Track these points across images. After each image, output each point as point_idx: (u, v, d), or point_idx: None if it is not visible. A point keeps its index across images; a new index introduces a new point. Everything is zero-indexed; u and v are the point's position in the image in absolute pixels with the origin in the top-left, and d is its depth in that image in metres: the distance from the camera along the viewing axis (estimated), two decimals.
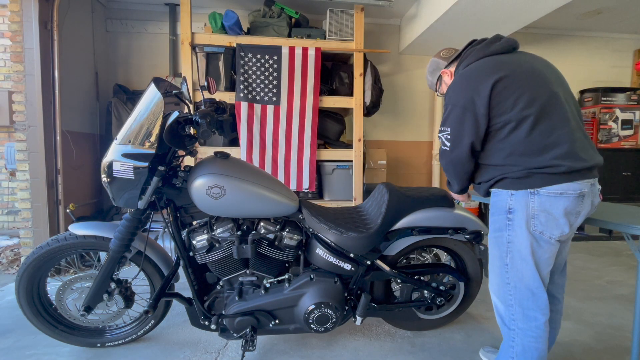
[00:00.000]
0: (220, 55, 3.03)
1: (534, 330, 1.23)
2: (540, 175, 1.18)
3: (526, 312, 1.24)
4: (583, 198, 1.19)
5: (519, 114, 1.17)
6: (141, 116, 1.42)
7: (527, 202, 1.20)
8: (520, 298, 1.24)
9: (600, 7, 3.70)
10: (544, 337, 1.23)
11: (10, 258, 3.08)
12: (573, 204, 1.18)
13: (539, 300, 1.23)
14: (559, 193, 1.17)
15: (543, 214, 1.19)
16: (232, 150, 3.10)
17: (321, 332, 1.67)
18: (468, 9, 2.87)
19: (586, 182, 1.19)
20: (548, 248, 1.22)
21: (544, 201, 1.18)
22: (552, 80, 1.23)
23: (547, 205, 1.18)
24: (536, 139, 1.17)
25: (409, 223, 1.70)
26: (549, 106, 1.18)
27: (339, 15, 3.16)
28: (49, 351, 1.78)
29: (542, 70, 1.23)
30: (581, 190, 1.17)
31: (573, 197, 1.17)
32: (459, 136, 1.26)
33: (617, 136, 4.26)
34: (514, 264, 1.25)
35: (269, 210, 1.57)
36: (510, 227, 1.24)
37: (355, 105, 3.25)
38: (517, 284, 1.24)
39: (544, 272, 1.24)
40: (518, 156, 1.20)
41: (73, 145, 3.02)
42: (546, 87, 1.19)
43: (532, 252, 1.22)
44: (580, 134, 1.21)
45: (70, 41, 3.08)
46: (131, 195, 1.48)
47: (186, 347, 1.83)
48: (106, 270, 1.61)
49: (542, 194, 1.18)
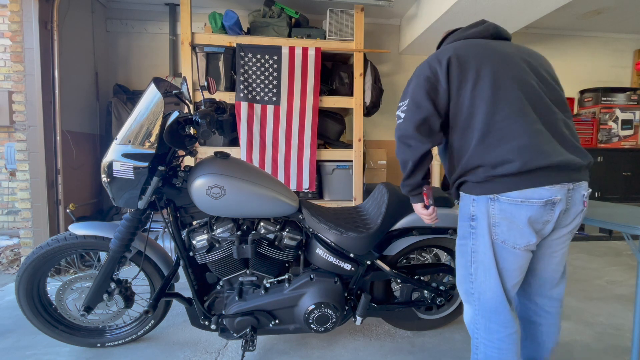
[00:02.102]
0: (220, 55, 3.03)
1: (496, 342, 1.17)
2: (498, 179, 1.07)
3: (488, 324, 1.18)
4: (553, 206, 1.06)
5: (474, 101, 1.10)
6: (141, 116, 1.42)
7: (488, 209, 1.11)
8: (483, 310, 1.19)
9: (600, 7, 3.70)
10: (509, 349, 1.16)
11: (10, 258, 3.08)
12: (538, 213, 1.05)
13: (500, 316, 1.16)
14: (519, 201, 1.05)
15: (505, 222, 1.09)
16: (232, 150, 3.10)
17: (321, 332, 1.67)
18: (468, 9, 2.87)
19: (559, 187, 1.05)
20: (513, 259, 1.12)
21: (505, 208, 1.08)
22: (528, 70, 1.13)
23: (508, 213, 1.08)
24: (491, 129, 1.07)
25: (409, 223, 1.70)
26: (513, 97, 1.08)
27: (339, 15, 3.16)
28: (49, 351, 1.78)
29: (515, 58, 1.14)
30: (549, 198, 1.05)
31: (537, 205, 1.04)
32: (415, 104, 1.15)
33: (617, 136, 4.26)
34: (477, 275, 1.18)
35: (269, 210, 1.57)
36: (474, 235, 1.17)
37: (355, 105, 3.25)
38: (481, 295, 1.18)
39: (509, 284, 1.15)
40: (473, 152, 1.10)
41: (73, 145, 3.02)
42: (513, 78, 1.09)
43: (496, 263, 1.13)
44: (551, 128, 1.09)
45: (70, 41, 3.08)
46: (131, 195, 1.48)
47: (186, 347, 1.83)
48: (106, 270, 1.61)
49: (502, 201, 1.08)
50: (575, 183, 1.09)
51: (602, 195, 4.18)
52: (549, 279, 1.27)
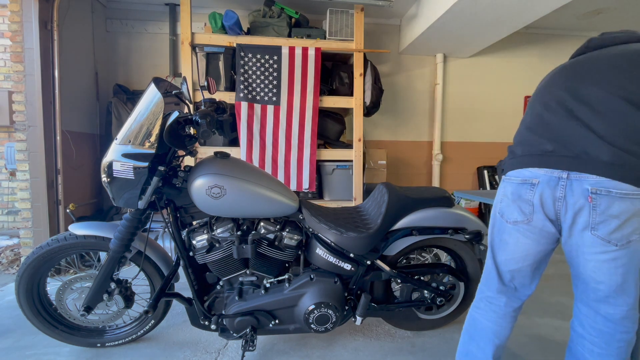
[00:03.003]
0: (220, 55, 3.03)
1: (477, 302, 1.35)
2: (509, 161, 1.27)
3: (480, 285, 1.37)
4: (532, 186, 1.15)
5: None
6: (141, 116, 1.42)
7: (500, 187, 1.31)
8: (483, 273, 1.38)
9: (600, 7, 3.70)
10: (486, 312, 1.31)
11: (10, 258, 3.08)
12: (518, 190, 1.19)
13: (488, 277, 1.33)
14: (507, 178, 1.25)
15: (505, 198, 1.26)
16: (232, 150, 3.10)
17: (321, 332, 1.67)
18: (468, 9, 2.87)
19: (543, 171, 1.12)
20: (508, 234, 1.25)
21: (504, 186, 1.26)
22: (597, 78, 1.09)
23: (503, 189, 1.27)
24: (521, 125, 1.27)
25: (409, 223, 1.70)
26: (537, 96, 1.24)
27: (339, 15, 3.16)
28: (49, 351, 1.78)
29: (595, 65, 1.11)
30: (527, 178, 1.16)
31: (516, 182, 1.20)
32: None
33: None
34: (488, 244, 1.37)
35: (269, 210, 1.57)
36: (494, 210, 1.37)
37: (355, 105, 3.25)
38: (486, 262, 1.37)
39: (502, 257, 1.28)
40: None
41: (73, 145, 3.02)
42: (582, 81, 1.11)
43: (492, 233, 1.32)
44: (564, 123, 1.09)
45: (70, 41, 3.08)
46: (131, 195, 1.48)
47: (186, 347, 1.83)
48: (106, 270, 1.61)
49: (504, 180, 1.27)
50: (574, 173, 1.07)
51: None
52: (590, 286, 1.15)
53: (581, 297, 1.20)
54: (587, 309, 1.19)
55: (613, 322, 1.14)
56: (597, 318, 1.16)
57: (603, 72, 1.10)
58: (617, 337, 1.14)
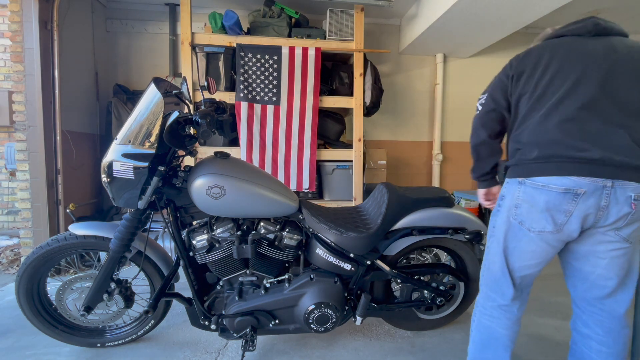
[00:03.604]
0: (220, 55, 3.03)
1: (489, 310, 1.30)
2: (527, 164, 1.17)
3: (487, 292, 1.31)
4: (576, 196, 1.07)
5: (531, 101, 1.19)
6: (141, 116, 1.42)
7: (515, 191, 1.21)
8: (486, 278, 1.32)
9: (600, 7, 3.70)
10: (500, 320, 1.27)
11: (10, 258, 3.08)
12: (557, 199, 1.09)
13: (500, 286, 1.27)
14: (540, 185, 1.12)
15: (526, 204, 1.17)
16: (232, 150, 3.10)
17: (321, 332, 1.67)
18: (468, 9, 2.87)
19: (588, 179, 1.06)
20: (527, 241, 1.18)
21: (528, 191, 1.16)
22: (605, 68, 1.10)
23: (529, 196, 1.15)
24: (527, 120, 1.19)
25: (409, 223, 1.70)
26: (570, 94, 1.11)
27: (339, 15, 3.16)
28: (49, 351, 1.78)
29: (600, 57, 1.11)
30: (572, 187, 1.07)
31: (556, 192, 1.09)
32: (491, 97, 1.31)
33: None
34: (491, 247, 1.30)
35: (269, 210, 1.57)
36: (498, 213, 1.29)
37: (355, 105, 3.25)
38: (490, 265, 1.30)
39: (517, 264, 1.23)
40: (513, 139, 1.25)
41: (73, 145, 3.02)
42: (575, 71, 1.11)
43: (505, 239, 1.24)
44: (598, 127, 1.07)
45: (70, 41, 3.08)
46: (131, 195, 1.48)
47: (186, 347, 1.83)
48: (106, 270, 1.61)
49: (528, 184, 1.16)
50: (617, 181, 1.06)
51: None
52: (595, 283, 1.19)
53: (584, 296, 1.24)
54: (592, 307, 1.22)
55: (617, 318, 1.19)
56: (604, 315, 1.20)
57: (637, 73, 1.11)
58: (621, 333, 1.20)
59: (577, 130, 1.09)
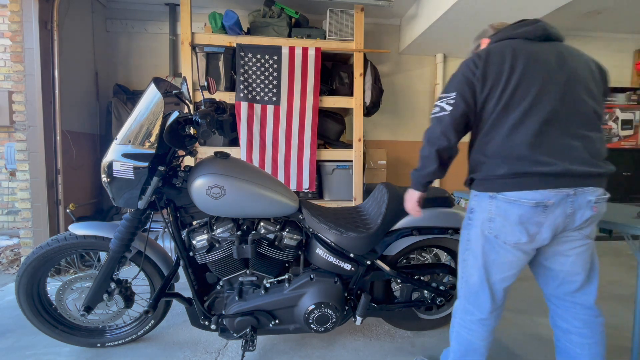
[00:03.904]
0: (220, 55, 3.03)
1: (468, 323, 1.31)
2: (496, 179, 1.17)
3: (465, 304, 1.32)
4: (545, 208, 1.13)
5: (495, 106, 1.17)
6: (141, 116, 1.42)
7: (487, 205, 1.22)
8: (465, 292, 1.32)
9: (600, 7, 3.70)
10: (478, 333, 1.29)
11: (10, 258, 3.08)
12: (529, 213, 1.13)
13: (478, 299, 1.28)
14: (512, 200, 1.15)
15: (499, 218, 1.19)
16: (232, 150, 3.10)
17: (321, 332, 1.67)
18: (468, 9, 2.87)
19: (554, 191, 1.12)
20: (503, 253, 1.21)
21: (501, 206, 1.18)
22: (561, 80, 1.16)
23: (503, 210, 1.18)
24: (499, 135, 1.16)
25: (409, 223, 1.70)
26: (529, 105, 1.14)
27: (339, 15, 3.16)
28: (49, 351, 1.78)
29: (551, 66, 1.17)
30: (540, 200, 1.12)
31: (528, 206, 1.13)
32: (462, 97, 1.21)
33: (617, 136, 4.26)
34: (468, 260, 1.30)
35: (269, 210, 1.57)
36: (470, 226, 1.29)
37: (355, 105, 3.25)
38: (468, 278, 1.30)
39: (496, 276, 1.25)
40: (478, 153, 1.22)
41: (73, 145, 3.02)
42: (536, 84, 1.15)
43: (483, 254, 1.25)
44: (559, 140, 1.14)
45: (70, 41, 3.08)
46: (131, 195, 1.48)
47: (186, 347, 1.83)
48: (106, 270, 1.61)
49: (500, 199, 1.18)
50: (579, 189, 1.14)
51: None
52: (566, 280, 1.27)
53: (556, 293, 1.32)
54: (565, 302, 1.31)
55: (590, 308, 1.28)
56: (577, 308, 1.29)
57: (585, 84, 1.19)
58: (596, 322, 1.29)
59: (543, 146, 1.13)
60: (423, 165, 1.30)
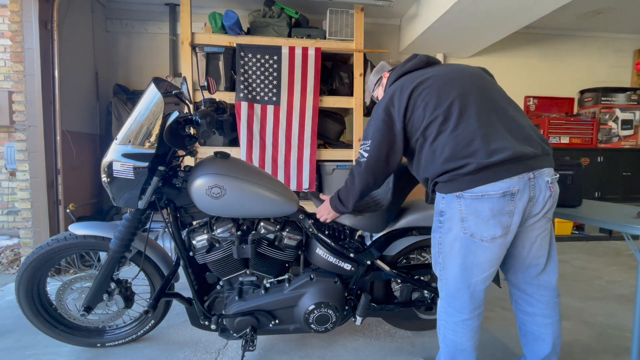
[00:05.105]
0: (220, 55, 3.03)
1: (452, 325, 1.31)
2: (460, 178, 1.18)
3: (447, 308, 1.32)
4: (513, 196, 1.15)
5: (428, 121, 1.23)
6: (141, 116, 1.42)
7: (456, 205, 1.22)
8: (445, 294, 1.32)
9: (600, 7, 3.70)
10: (462, 334, 1.29)
11: (10, 258, 3.08)
12: (499, 204, 1.15)
13: (457, 301, 1.28)
14: (480, 195, 1.16)
15: (471, 217, 1.19)
16: (232, 150, 3.10)
17: (321, 332, 1.67)
18: (468, 9, 2.87)
19: (516, 178, 1.14)
20: (482, 252, 1.21)
21: (469, 204, 1.18)
22: (466, 81, 1.27)
23: (473, 208, 1.18)
24: (447, 141, 1.19)
25: (409, 223, 1.70)
26: (458, 107, 1.20)
27: (339, 15, 3.16)
28: (49, 351, 1.78)
29: (453, 74, 1.29)
30: (507, 189, 1.14)
31: (496, 197, 1.14)
32: (378, 145, 1.32)
33: (617, 136, 4.26)
34: (444, 264, 1.30)
35: (269, 210, 1.57)
36: (441, 229, 1.29)
37: (355, 105, 3.25)
38: (447, 281, 1.30)
39: (478, 277, 1.24)
40: (438, 161, 1.22)
41: (73, 145, 3.02)
42: (454, 89, 1.23)
43: (461, 256, 1.24)
44: (499, 126, 1.20)
45: (70, 41, 3.08)
46: (131, 195, 1.48)
47: (186, 347, 1.83)
48: (106, 270, 1.61)
49: (466, 197, 1.18)
50: (536, 171, 1.18)
51: (602, 195, 4.18)
52: (532, 264, 1.33)
53: (523, 278, 1.36)
54: (532, 286, 1.36)
55: (552, 289, 1.35)
56: (541, 290, 1.35)
57: (488, 82, 1.32)
58: (556, 301, 1.36)
59: (489, 135, 1.17)
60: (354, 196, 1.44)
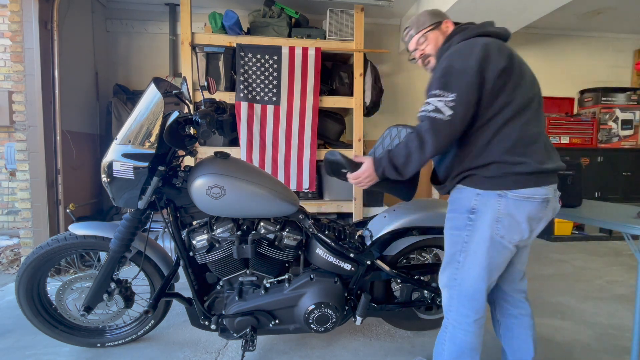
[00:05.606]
0: (220, 55, 3.03)
1: (464, 325, 1.28)
2: (511, 176, 1.13)
3: (460, 308, 1.28)
4: (547, 204, 1.18)
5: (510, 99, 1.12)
6: (141, 116, 1.42)
7: (494, 204, 1.16)
8: (460, 294, 1.27)
9: (600, 7, 3.70)
10: (474, 333, 1.28)
11: (10, 258, 3.08)
12: (537, 209, 1.16)
13: (475, 302, 1.25)
14: (525, 197, 1.14)
15: (507, 218, 1.16)
16: (232, 150, 3.10)
17: (321, 332, 1.67)
18: (468, 9, 2.88)
19: (551, 187, 1.19)
20: (505, 253, 1.22)
21: (510, 204, 1.15)
22: (537, 83, 1.25)
23: (513, 209, 1.15)
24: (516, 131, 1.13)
25: (409, 223, 1.70)
26: (532, 105, 1.18)
27: (339, 15, 3.16)
28: (49, 351, 1.78)
29: (528, 68, 1.26)
30: (546, 196, 1.17)
31: (538, 202, 1.16)
32: (467, 102, 1.09)
33: (617, 136, 4.27)
34: (465, 263, 1.24)
35: (269, 210, 1.57)
36: (470, 227, 1.21)
37: (355, 105, 3.25)
38: (462, 282, 1.26)
39: (494, 276, 1.25)
40: (488, 148, 1.14)
41: (73, 145, 3.02)
42: (532, 86, 1.21)
43: (488, 256, 1.20)
44: (546, 138, 1.23)
45: (70, 41, 3.08)
46: (131, 195, 1.48)
47: (186, 347, 1.83)
48: (106, 270, 1.61)
49: (510, 197, 1.14)
50: (556, 184, 1.23)
51: (602, 195, 4.18)
52: (520, 271, 1.40)
53: (511, 286, 1.41)
54: (515, 291, 1.41)
55: (525, 291, 1.43)
56: (521, 295, 1.42)
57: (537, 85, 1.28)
58: (527, 299, 1.43)
59: (545, 143, 1.20)
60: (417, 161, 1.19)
